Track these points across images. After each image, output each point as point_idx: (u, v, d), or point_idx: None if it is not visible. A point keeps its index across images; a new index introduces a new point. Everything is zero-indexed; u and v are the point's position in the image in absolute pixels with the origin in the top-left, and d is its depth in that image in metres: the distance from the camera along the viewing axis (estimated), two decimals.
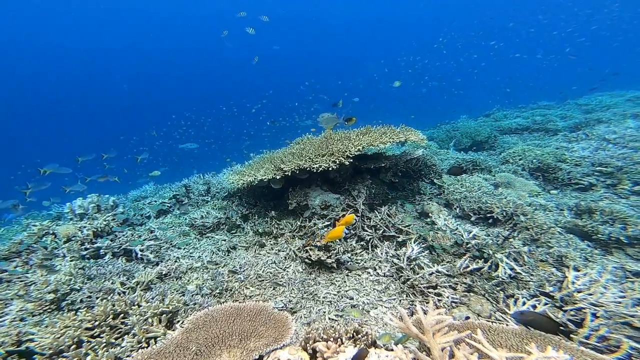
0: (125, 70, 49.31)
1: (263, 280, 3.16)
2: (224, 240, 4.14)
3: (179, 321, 2.45)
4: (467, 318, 2.43)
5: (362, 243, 3.58)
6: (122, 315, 2.38)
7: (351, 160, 3.70)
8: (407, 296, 2.85)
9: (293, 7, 43.41)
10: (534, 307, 2.49)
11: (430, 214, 3.96)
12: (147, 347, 1.91)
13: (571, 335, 2.18)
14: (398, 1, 47.33)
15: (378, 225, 3.60)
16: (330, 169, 3.64)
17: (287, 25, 46.29)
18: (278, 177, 3.81)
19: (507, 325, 2.04)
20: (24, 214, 5.94)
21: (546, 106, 10.99)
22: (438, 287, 2.83)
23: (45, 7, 33.34)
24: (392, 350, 1.62)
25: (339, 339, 1.77)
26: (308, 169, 3.72)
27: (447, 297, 2.72)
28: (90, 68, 46.08)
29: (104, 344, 2.13)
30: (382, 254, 3.34)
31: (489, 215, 3.93)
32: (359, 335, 1.81)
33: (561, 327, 1.90)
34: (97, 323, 2.26)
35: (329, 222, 3.71)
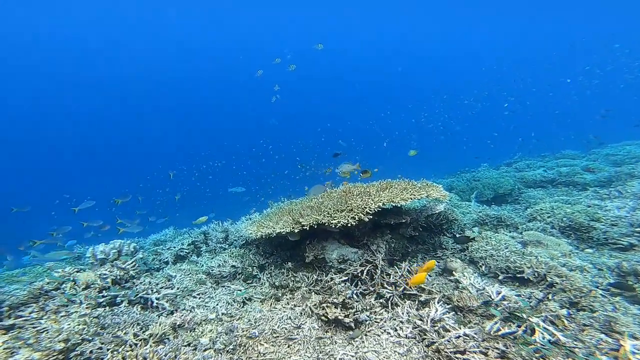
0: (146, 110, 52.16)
1: (278, 337, 3.03)
2: (240, 290, 4.06)
3: None
4: None
5: (381, 301, 3.41)
6: None
7: (370, 216, 3.67)
8: None
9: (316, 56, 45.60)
10: None
11: (453, 272, 3.77)
12: None
13: None
14: (422, 49, 49.47)
15: (398, 283, 3.45)
16: (349, 225, 3.62)
17: (309, 71, 48.61)
18: (296, 231, 3.80)
19: None
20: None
21: (571, 156, 10.71)
22: (467, 353, 2.59)
23: (79, 34, 35.79)
24: None
25: None
26: (326, 224, 3.71)
27: None
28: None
29: None
30: (403, 313, 3.15)
31: (518, 275, 3.70)
32: None
33: None
34: None
35: (346, 277, 3.59)
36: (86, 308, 3.38)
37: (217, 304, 3.73)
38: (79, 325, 2.95)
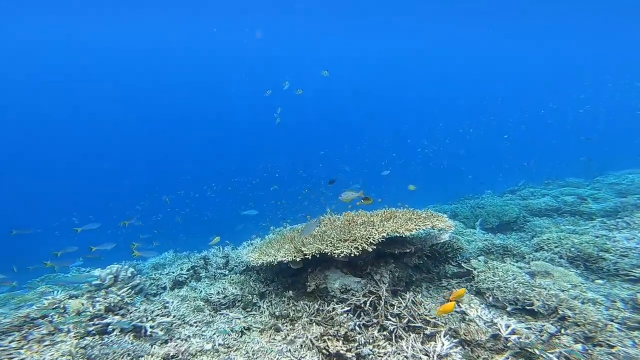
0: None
1: None
2: (239, 318, 3.92)
3: None
4: None
5: (385, 333, 3.25)
6: None
7: (374, 247, 3.61)
8: None
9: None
10: None
11: (460, 303, 3.63)
12: None
13: None
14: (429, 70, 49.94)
15: (402, 314, 3.31)
16: (352, 255, 3.56)
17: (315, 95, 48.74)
18: (298, 259, 3.72)
19: None
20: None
21: (575, 184, 10.66)
22: None
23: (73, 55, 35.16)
24: None
25: None
26: (329, 253, 3.64)
27: None
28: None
29: None
30: (407, 347, 2.99)
31: (527, 307, 3.55)
32: None
33: None
34: None
35: (348, 308, 3.45)
36: (74, 337, 3.21)
37: (214, 333, 3.58)
38: (62, 356, 2.80)
